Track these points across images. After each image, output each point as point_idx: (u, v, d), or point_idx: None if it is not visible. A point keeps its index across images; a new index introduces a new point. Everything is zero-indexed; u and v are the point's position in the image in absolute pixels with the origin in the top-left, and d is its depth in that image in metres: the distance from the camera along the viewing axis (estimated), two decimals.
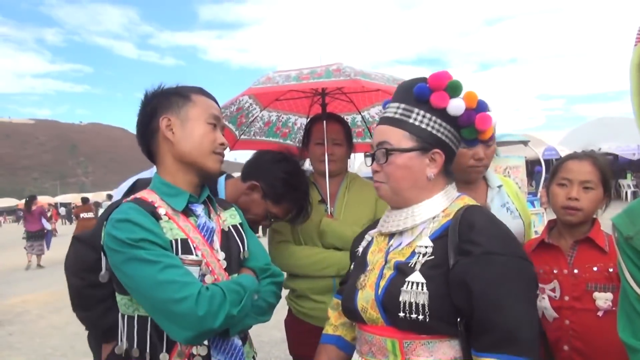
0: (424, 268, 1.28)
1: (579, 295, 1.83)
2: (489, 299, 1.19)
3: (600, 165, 1.86)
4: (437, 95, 1.36)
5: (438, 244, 1.31)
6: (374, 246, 1.51)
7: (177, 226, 1.46)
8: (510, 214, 2.04)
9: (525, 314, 1.20)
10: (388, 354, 1.32)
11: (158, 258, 1.33)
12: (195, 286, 1.33)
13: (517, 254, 1.26)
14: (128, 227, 1.36)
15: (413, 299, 1.25)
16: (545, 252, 1.94)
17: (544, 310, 1.90)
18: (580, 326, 1.82)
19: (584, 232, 1.89)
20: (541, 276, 1.92)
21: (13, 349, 5.93)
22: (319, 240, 2.33)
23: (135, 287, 1.35)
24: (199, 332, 1.32)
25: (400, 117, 1.41)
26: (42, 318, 7.41)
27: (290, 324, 2.48)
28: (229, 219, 1.67)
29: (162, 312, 1.33)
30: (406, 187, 1.40)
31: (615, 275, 1.79)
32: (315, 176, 2.54)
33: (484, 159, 1.93)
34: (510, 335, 1.17)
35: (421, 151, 1.39)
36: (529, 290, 1.25)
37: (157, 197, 1.49)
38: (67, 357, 5.51)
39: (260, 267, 1.65)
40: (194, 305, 1.29)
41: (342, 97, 2.90)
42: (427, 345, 1.27)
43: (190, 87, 1.60)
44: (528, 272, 1.26)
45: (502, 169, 7.39)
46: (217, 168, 1.56)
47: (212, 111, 1.55)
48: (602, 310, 1.79)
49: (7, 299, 9.12)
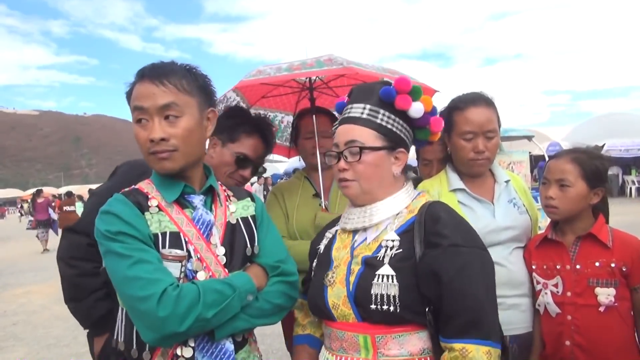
0: (392, 261, 1.35)
1: (581, 291, 1.83)
2: (456, 287, 1.27)
3: (580, 161, 1.86)
4: (401, 97, 1.45)
5: (404, 237, 1.39)
6: (337, 243, 1.55)
7: (170, 218, 1.40)
8: (518, 209, 2.02)
9: (487, 300, 1.30)
10: (360, 349, 1.36)
11: (130, 252, 1.27)
12: (160, 284, 1.24)
13: (477, 246, 1.37)
14: (109, 219, 1.33)
15: (384, 291, 1.32)
16: (548, 248, 1.94)
17: (547, 306, 1.90)
18: (582, 321, 1.82)
19: (586, 228, 1.89)
20: (544, 272, 1.92)
21: (17, 339, 5.98)
22: (314, 234, 2.32)
23: (112, 280, 1.31)
24: (162, 334, 1.24)
25: (367, 117, 1.47)
26: (45, 309, 7.45)
27: (287, 320, 2.48)
28: (239, 211, 1.57)
29: (130, 310, 1.29)
30: (376, 184, 1.46)
31: (617, 271, 1.79)
32: (308, 170, 2.53)
33: (484, 151, 1.91)
34: (476, 320, 1.26)
35: (389, 150, 1.47)
36: (489, 278, 1.35)
37: (154, 188, 1.45)
38: (70, 347, 5.54)
39: (270, 264, 1.54)
40: (155, 306, 1.21)
41: (328, 91, 2.89)
42: (398, 338, 1.34)
43: (140, 71, 1.42)
44: (488, 262, 1.36)
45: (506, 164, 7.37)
46: (160, 169, 1.39)
47: (135, 102, 1.37)
48: (604, 306, 1.79)
49: (11, 290, 9.20)
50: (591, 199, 1.87)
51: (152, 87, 1.35)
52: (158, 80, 1.36)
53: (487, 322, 1.27)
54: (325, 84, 2.79)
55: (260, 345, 1.68)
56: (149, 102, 1.35)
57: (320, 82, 2.75)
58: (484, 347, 1.23)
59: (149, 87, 1.36)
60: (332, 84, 2.80)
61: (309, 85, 2.64)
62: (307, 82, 2.64)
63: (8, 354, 5.48)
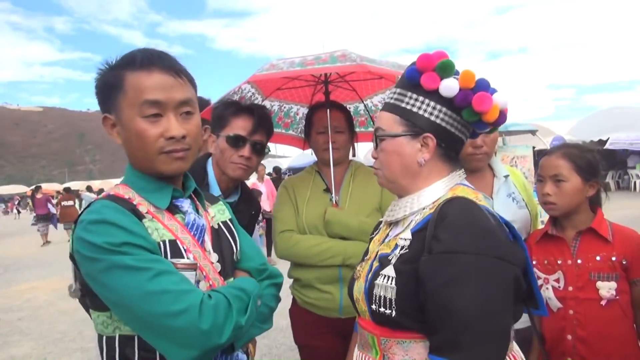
0: (397, 262, 1.23)
1: (582, 285, 1.85)
2: (440, 300, 1.11)
3: (572, 155, 1.87)
4: (426, 76, 1.28)
5: (417, 237, 1.23)
6: (377, 234, 1.49)
7: (163, 226, 1.24)
8: (517, 204, 2.04)
9: (478, 319, 1.07)
10: (371, 349, 1.30)
11: (146, 264, 1.11)
12: (196, 295, 1.12)
13: (483, 252, 1.12)
14: (104, 229, 1.13)
15: (383, 293, 1.22)
16: (549, 243, 1.96)
17: (548, 301, 1.91)
18: (583, 315, 1.83)
19: (585, 222, 1.90)
20: (545, 267, 1.94)
21: (22, 334, 6.02)
22: (324, 229, 2.32)
23: (119, 300, 1.11)
24: (204, 349, 1.10)
25: (394, 102, 1.36)
26: (51, 304, 7.49)
27: (295, 314, 2.49)
28: (217, 215, 1.46)
29: (155, 329, 1.10)
30: (398, 173, 1.35)
31: (618, 264, 1.81)
32: (319, 165, 2.53)
33: (482, 146, 1.92)
34: (454, 340, 1.08)
35: (411, 136, 1.32)
36: (495, 292, 1.11)
37: (134, 194, 1.26)
38: (76, 342, 5.58)
39: (256, 268, 1.46)
40: (197, 318, 1.08)
41: (344, 85, 2.87)
42: (402, 344, 1.22)
43: (124, 60, 1.24)
44: (497, 272, 1.12)
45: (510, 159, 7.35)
46: (174, 170, 1.26)
47: (146, 96, 1.19)
48: (605, 300, 1.81)
49: (16, 285, 9.25)
50: (587, 192, 1.89)
51: (169, 79, 1.22)
52: (174, 72, 1.23)
53: (468, 345, 1.06)
54: (342, 77, 2.77)
55: (265, 339, 1.70)
56: (166, 96, 1.21)
57: (336, 75, 2.73)
58: None
59: (165, 78, 1.21)
60: (349, 77, 2.78)
61: (325, 79, 2.62)
62: (323, 76, 2.62)
63: (14, 349, 5.52)
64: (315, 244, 2.27)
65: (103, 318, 1.23)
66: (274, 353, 4.64)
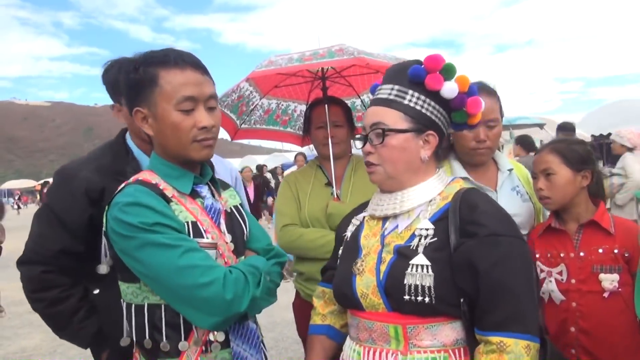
0: (427, 251, 1.29)
1: (585, 278, 1.86)
2: (495, 278, 1.22)
3: (559, 149, 1.91)
4: (432, 77, 1.35)
5: (439, 226, 1.31)
6: (366, 230, 1.48)
7: (185, 209, 1.39)
8: (521, 197, 2.05)
9: (528, 292, 1.24)
10: (390, 340, 1.31)
11: (176, 242, 1.26)
12: (220, 270, 1.28)
13: (517, 235, 1.30)
14: (139, 210, 1.28)
15: (419, 282, 1.26)
16: (552, 236, 1.97)
17: (551, 293, 1.92)
18: (586, 308, 1.85)
19: (587, 216, 1.92)
20: (548, 260, 1.95)
21: (33, 327, 6.10)
22: (326, 223, 2.34)
23: (153, 274, 1.27)
24: (227, 316, 1.28)
25: (395, 98, 1.39)
26: None
27: (299, 307, 2.51)
28: (230, 200, 1.60)
29: (185, 299, 1.26)
30: (401, 169, 1.39)
31: (620, 257, 1.83)
32: (320, 160, 2.55)
33: (485, 140, 1.92)
34: (516, 313, 1.20)
35: (416, 132, 1.38)
36: (530, 270, 1.28)
37: (160, 179, 1.40)
38: None
39: (264, 247, 1.59)
40: (222, 289, 1.25)
41: (341, 80, 2.89)
42: (430, 329, 1.28)
43: (157, 58, 1.37)
44: (527, 253, 1.30)
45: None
46: (203, 156, 1.41)
47: (182, 92, 1.34)
48: (608, 292, 1.83)
49: None
50: (581, 183, 1.90)
51: (199, 76, 1.37)
52: (202, 70, 1.39)
53: (527, 316, 1.21)
54: (338, 73, 2.79)
55: (271, 332, 1.72)
56: (198, 91, 1.35)
57: (333, 71, 2.75)
58: (523, 342, 1.18)
59: (197, 75, 1.37)
60: (345, 73, 2.80)
61: (322, 75, 2.64)
62: (320, 72, 2.64)
63: (25, 341, 5.61)
64: (319, 237, 2.30)
65: (133, 289, 1.37)
66: (280, 346, 4.63)
